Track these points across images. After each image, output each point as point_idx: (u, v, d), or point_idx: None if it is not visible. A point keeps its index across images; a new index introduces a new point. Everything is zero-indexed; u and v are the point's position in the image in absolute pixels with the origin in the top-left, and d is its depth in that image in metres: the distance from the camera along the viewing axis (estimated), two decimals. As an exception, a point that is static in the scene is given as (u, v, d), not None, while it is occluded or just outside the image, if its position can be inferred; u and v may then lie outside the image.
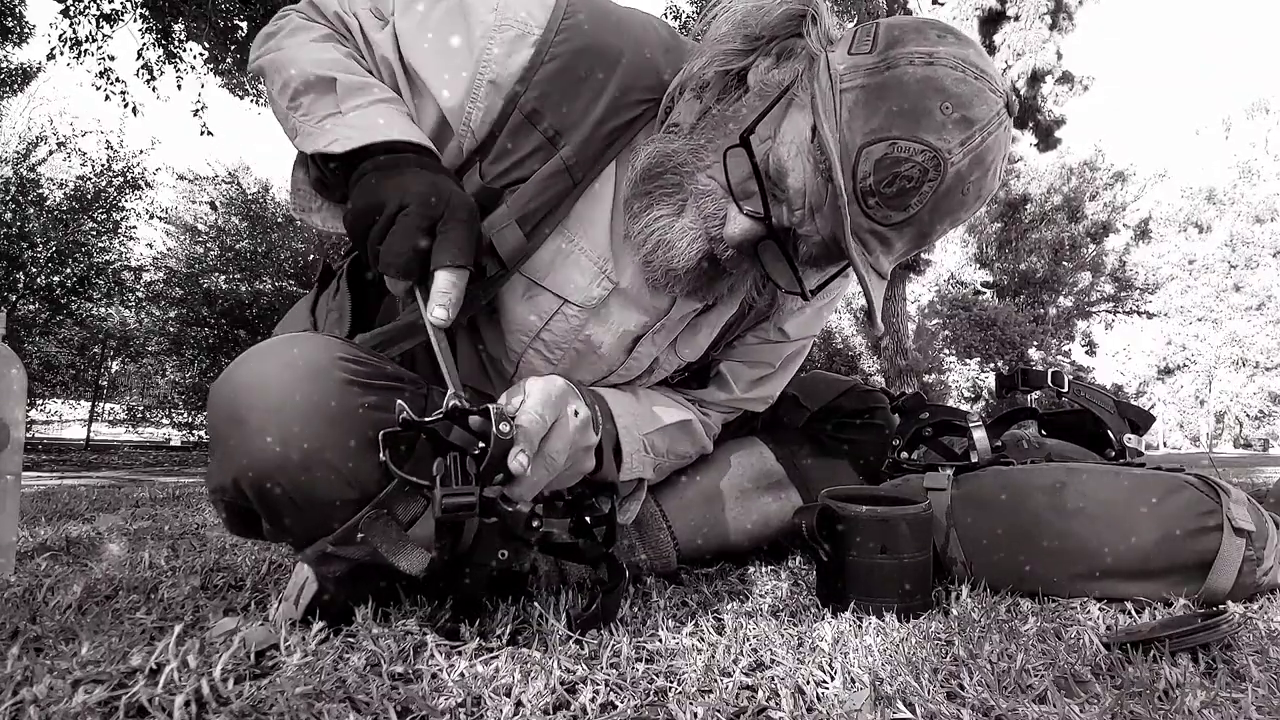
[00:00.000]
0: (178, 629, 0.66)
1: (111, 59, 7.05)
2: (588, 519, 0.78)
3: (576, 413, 0.76)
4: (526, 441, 0.66)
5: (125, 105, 7.21)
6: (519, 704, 0.55)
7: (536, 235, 0.83)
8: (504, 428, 0.64)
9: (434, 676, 0.60)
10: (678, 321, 0.94)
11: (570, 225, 0.84)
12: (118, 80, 7.09)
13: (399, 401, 0.64)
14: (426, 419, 0.63)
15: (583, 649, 0.68)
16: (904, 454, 1.16)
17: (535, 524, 0.69)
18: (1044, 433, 1.21)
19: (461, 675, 0.60)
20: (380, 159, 0.74)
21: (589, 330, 0.89)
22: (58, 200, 9.79)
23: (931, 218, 0.72)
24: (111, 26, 6.97)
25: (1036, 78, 11.91)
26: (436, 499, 0.60)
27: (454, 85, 0.80)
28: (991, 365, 15.86)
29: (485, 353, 0.94)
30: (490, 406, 0.64)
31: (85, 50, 6.91)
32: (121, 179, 10.09)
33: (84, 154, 10.00)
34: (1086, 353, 18.74)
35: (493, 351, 0.93)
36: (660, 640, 0.71)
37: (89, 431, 11.40)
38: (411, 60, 0.81)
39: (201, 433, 11.21)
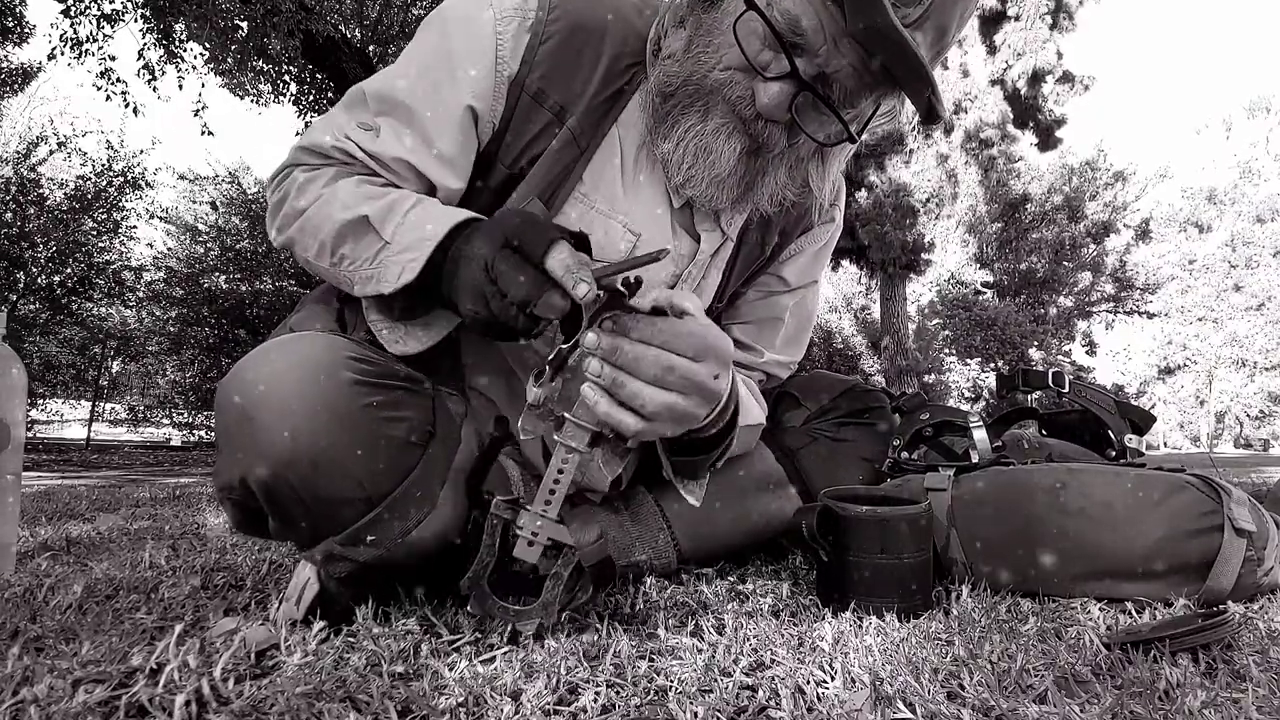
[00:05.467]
0: (178, 629, 0.66)
1: (112, 59, 7.03)
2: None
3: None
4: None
5: (126, 105, 7.20)
6: (519, 704, 0.55)
7: (555, 204, 0.87)
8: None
9: (434, 676, 0.60)
10: (700, 266, 0.97)
11: (585, 190, 0.89)
12: (118, 80, 7.08)
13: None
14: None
15: (582, 649, 0.68)
16: (904, 454, 1.16)
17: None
18: (1044, 433, 1.21)
19: (461, 675, 0.60)
20: (447, 260, 0.73)
21: None
22: (58, 200, 9.81)
23: (945, 3, 0.72)
24: (112, 26, 6.96)
25: (1037, 78, 11.91)
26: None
27: (480, 94, 0.84)
28: (992, 365, 15.85)
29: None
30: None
31: (86, 50, 6.89)
32: (122, 179, 10.10)
33: (84, 154, 10.02)
34: (1087, 353, 18.71)
35: None
36: (660, 640, 0.71)
37: (89, 431, 11.40)
38: (430, 115, 0.83)
39: (202, 433, 11.22)
